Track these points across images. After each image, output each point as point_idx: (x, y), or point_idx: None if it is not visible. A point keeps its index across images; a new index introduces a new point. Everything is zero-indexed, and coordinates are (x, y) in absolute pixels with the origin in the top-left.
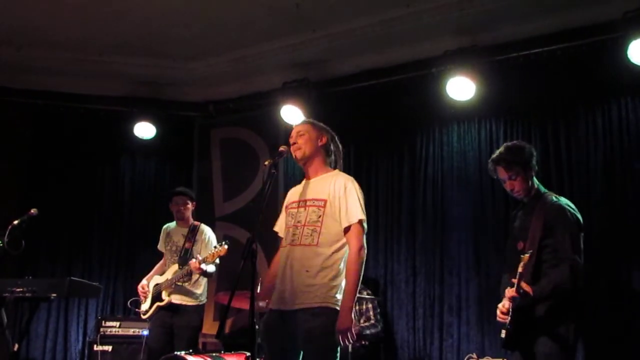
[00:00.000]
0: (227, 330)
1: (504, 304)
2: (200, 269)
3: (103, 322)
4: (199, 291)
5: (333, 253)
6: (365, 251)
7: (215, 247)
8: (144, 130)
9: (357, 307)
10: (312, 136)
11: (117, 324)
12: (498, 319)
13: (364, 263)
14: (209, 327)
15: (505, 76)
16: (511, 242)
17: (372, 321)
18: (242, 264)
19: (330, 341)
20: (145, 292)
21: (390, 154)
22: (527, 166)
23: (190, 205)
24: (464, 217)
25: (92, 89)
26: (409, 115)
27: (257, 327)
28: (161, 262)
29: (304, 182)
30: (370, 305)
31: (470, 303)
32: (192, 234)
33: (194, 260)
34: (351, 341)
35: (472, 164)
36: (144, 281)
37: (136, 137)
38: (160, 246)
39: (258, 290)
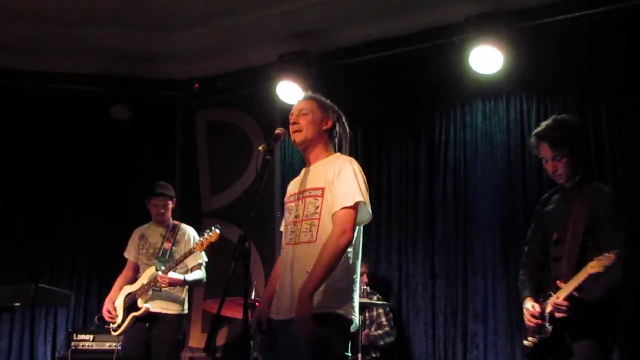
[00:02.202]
0: (217, 343)
1: (534, 306)
2: (169, 280)
3: (74, 335)
4: (181, 297)
5: None
6: (348, 239)
7: (204, 234)
8: (119, 113)
9: (366, 314)
10: (317, 117)
11: (91, 337)
12: (527, 322)
13: (341, 253)
14: (197, 339)
15: (538, 45)
16: (539, 231)
17: (386, 329)
18: (233, 266)
19: (335, 353)
20: (113, 317)
21: (404, 137)
22: (577, 147)
23: (170, 206)
24: (491, 210)
25: (58, 66)
26: (425, 92)
27: (252, 341)
28: (123, 273)
29: (303, 170)
30: (381, 311)
31: (498, 309)
32: (172, 234)
33: (159, 273)
34: (306, 332)
35: (500, 148)
36: (108, 304)
37: (110, 122)
38: (130, 252)
39: (252, 296)
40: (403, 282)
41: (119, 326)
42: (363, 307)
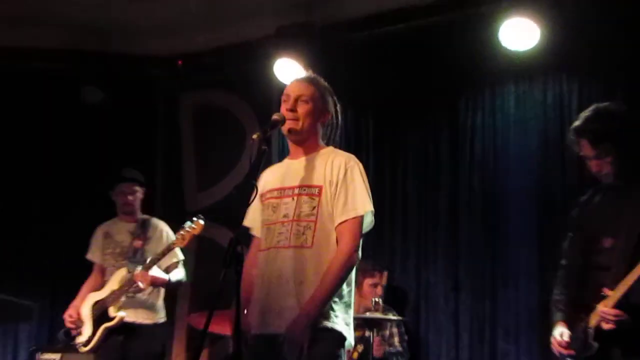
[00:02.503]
0: None
1: (564, 334)
2: (151, 279)
3: (39, 353)
4: (158, 303)
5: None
6: (358, 256)
7: (184, 226)
8: (90, 95)
9: (380, 332)
10: (317, 107)
11: (58, 356)
12: (559, 353)
13: (351, 270)
14: (179, 358)
15: (581, 17)
16: (579, 238)
17: (399, 349)
18: (223, 274)
19: None
20: (75, 321)
21: (423, 125)
22: (624, 141)
23: (140, 194)
24: (525, 211)
25: (19, 41)
26: (448, 72)
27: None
28: (91, 278)
29: (287, 161)
30: (395, 330)
31: (532, 325)
32: (143, 230)
33: (138, 268)
34: (296, 349)
35: (536, 137)
36: (71, 309)
37: (79, 105)
38: (93, 253)
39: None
40: (421, 294)
41: (89, 341)
42: (374, 324)
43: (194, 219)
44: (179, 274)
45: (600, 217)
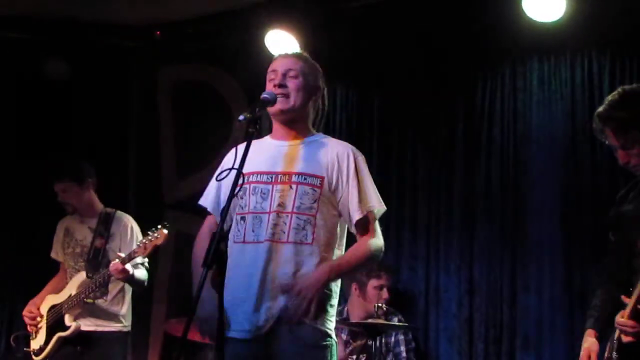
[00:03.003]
0: None
1: (591, 348)
2: (124, 271)
3: None
4: (122, 310)
5: (333, 255)
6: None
7: (148, 234)
8: (55, 68)
9: (382, 340)
10: (308, 83)
11: None
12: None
13: (374, 262)
14: None
15: None
16: (619, 238)
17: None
18: (203, 275)
19: None
20: (35, 321)
21: (435, 107)
22: None
23: (78, 189)
24: (549, 205)
25: None
26: (464, 46)
27: None
28: (56, 276)
29: (274, 142)
30: (401, 338)
31: (556, 334)
32: (105, 226)
33: (116, 260)
34: (304, 303)
35: (563, 121)
36: (30, 305)
37: (43, 80)
38: (57, 252)
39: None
40: (432, 298)
41: (42, 350)
42: (378, 332)
43: (158, 227)
44: (142, 274)
45: (635, 215)
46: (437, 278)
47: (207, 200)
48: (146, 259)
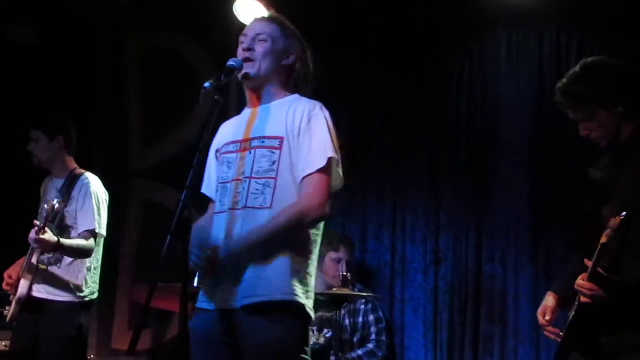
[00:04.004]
0: (149, 344)
1: (545, 310)
2: (41, 241)
3: None
4: (76, 280)
5: None
6: (324, 213)
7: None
8: (20, 34)
9: (351, 319)
10: (278, 47)
11: None
12: (545, 333)
13: (307, 225)
14: (122, 339)
15: None
16: (590, 208)
17: (370, 346)
18: (167, 243)
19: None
20: (12, 283)
21: (402, 77)
22: (613, 99)
23: (45, 143)
24: (516, 175)
25: None
26: (432, 17)
27: None
28: None
29: (247, 111)
30: (372, 319)
31: (520, 304)
32: (68, 188)
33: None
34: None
35: (530, 94)
36: (11, 268)
37: (7, 46)
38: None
39: (195, 283)
40: (397, 269)
41: (8, 311)
42: (343, 301)
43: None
44: (81, 243)
45: (602, 186)
46: (404, 248)
47: (205, 186)
48: (103, 234)
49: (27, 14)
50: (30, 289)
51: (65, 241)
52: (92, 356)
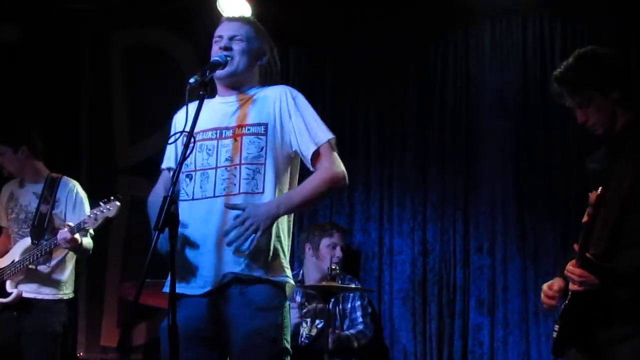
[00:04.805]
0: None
1: (553, 283)
2: (73, 241)
3: None
4: (63, 277)
5: None
6: (347, 182)
7: (99, 205)
8: (4, 33)
9: (340, 306)
10: (252, 48)
11: None
12: (543, 302)
13: (332, 191)
14: (111, 336)
15: None
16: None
17: (360, 327)
18: (155, 239)
19: (277, 346)
20: None
21: (388, 69)
22: (610, 86)
23: (11, 155)
24: (502, 167)
25: None
26: (415, 7)
27: None
28: (0, 241)
29: (218, 100)
30: (358, 304)
31: (509, 295)
32: (50, 192)
33: (65, 228)
34: (248, 232)
35: (514, 85)
36: None
37: None
38: (2, 217)
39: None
40: (385, 261)
41: None
42: (333, 294)
43: (111, 198)
44: (88, 242)
45: (597, 176)
46: (391, 240)
47: (170, 161)
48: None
49: (10, 12)
50: (19, 289)
51: (84, 240)
52: (81, 353)
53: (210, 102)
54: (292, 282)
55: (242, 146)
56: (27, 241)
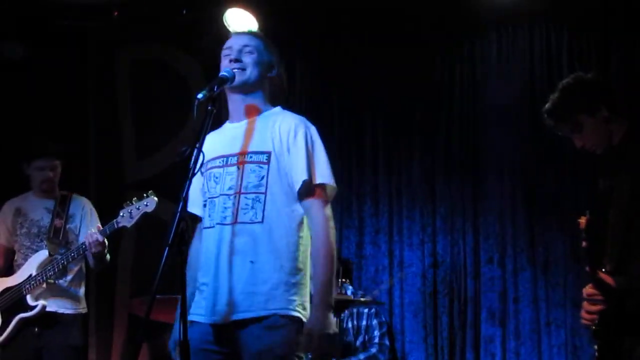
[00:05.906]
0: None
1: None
2: (103, 245)
3: None
4: (80, 291)
5: (289, 232)
6: (334, 238)
7: (132, 203)
8: (9, 50)
9: (354, 323)
10: (264, 59)
11: None
12: (583, 321)
13: (334, 251)
14: (120, 353)
15: None
16: (593, 219)
17: (372, 351)
18: (165, 255)
19: None
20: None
21: (393, 79)
22: (594, 105)
23: (60, 169)
24: (511, 177)
25: None
26: (422, 17)
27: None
28: None
29: (231, 126)
30: (375, 322)
31: (521, 306)
32: (62, 207)
33: (92, 231)
34: (318, 352)
35: (522, 94)
36: None
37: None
38: (1, 234)
39: None
40: (395, 274)
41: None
42: (343, 307)
43: (149, 192)
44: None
45: (601, 193)
46: (400, 252)
47: (191, 204)
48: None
49: (18, 29)
50: (43, 302)
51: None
52: None
53: (223, 128)
54: (302, 313)
55: (243, 174)
56: (42, 255)
